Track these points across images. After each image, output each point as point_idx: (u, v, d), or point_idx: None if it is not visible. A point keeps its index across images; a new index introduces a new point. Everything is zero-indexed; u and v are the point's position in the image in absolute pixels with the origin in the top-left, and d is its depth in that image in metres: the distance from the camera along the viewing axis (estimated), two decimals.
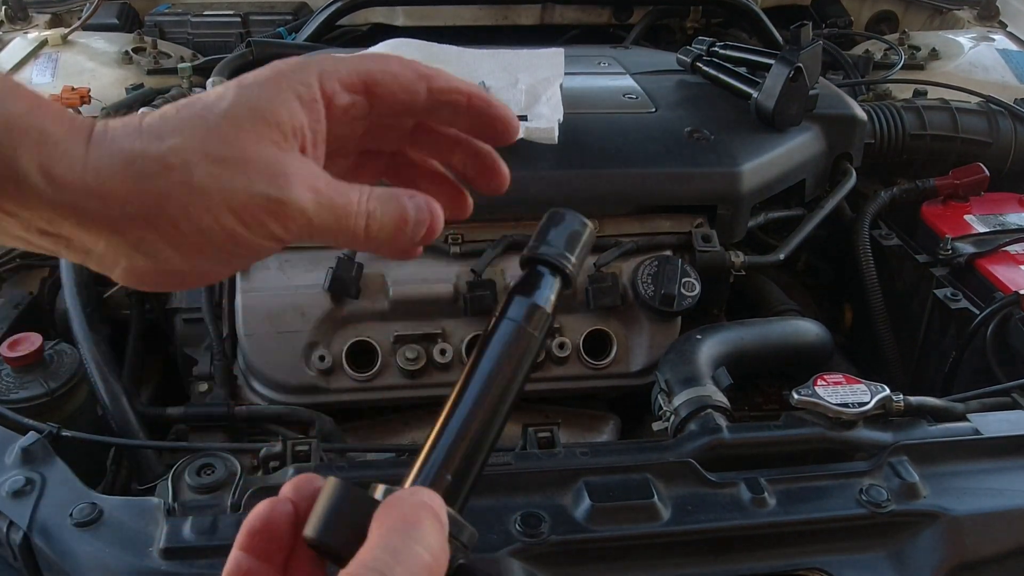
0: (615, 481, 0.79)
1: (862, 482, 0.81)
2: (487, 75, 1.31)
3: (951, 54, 1.80)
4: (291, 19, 1.93)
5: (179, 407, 1.07)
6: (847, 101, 1.37)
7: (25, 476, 0.76)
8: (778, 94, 1.23)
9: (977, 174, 1.36)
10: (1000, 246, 1.23)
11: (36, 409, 0.95)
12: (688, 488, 0.80)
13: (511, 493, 0.79)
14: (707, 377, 0.95)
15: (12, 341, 0.99)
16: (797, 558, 0.78)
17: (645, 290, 1.10)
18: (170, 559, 0.70)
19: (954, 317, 1.19)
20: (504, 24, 1.98)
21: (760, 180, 1.20)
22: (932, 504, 0.80)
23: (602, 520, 0.76)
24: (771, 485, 0.80)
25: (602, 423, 1.17)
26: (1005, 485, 0.83)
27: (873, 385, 0.89)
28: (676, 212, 1.19)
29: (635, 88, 1.37)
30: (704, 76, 1.44)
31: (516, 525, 0.75)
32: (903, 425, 0.89)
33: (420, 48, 1.36)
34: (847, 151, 1.35)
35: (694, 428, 0.88)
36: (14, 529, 0.73)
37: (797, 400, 0.88)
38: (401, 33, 1.64)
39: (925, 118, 1.47)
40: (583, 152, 1.18)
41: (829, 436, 0.87)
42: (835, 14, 2.09)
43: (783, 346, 1.09)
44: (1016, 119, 1.48)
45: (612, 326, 1.13)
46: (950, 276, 1.24)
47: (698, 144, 1.21)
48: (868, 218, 1.34)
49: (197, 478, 0.75)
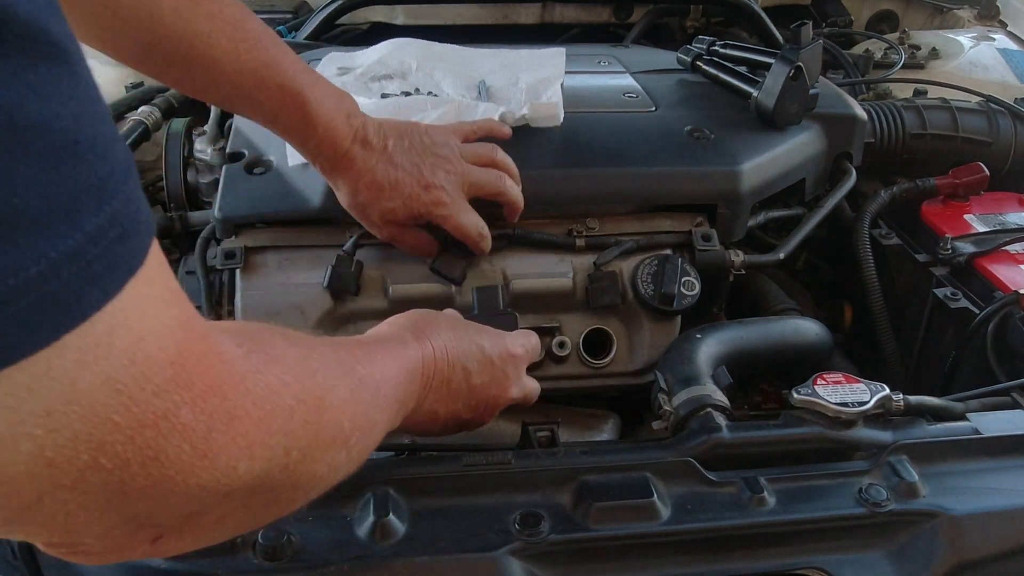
0: (615, 480, 0.79)
1: (861, 481, 0.81)
2: (488, 74, 1.31)
3: (951, 53, 1.80)
4: (291, 17, 1.93)
5: None
6: (847, 100, 1.37)
7: None
8: (778, 93, 1.23)
9: (977, 173, 1.36)
10: (1000, 245, 1.23)
11: None
12: (688, 487, 0.80)
13: (510, 492, 0.79)
14: (707, 376, 0.95)
15: None
16: (796, 557, 0.78)
17: (645, 289, 1.10)
18: (169, 558, 0.70)
19: (954, 317, 1.19)
20: (504, 23, 1.98)
21: (760, 179, 1.20)
22: (932, 503, 0.80)
23: (602, 519, 0.76)
24: (771, 484, 0.80)
25: (602, 422, 1.17)
26: (1005, 485, 0.83)
27: (873, 384, 0.89)
28: (676, 211, 1.19)
29: (635, 87, 1.37)
30: (704, 75, 1.44)
31: (515, 524, 0.75)
32: (903, 424, 0.89)
33: (421, 48, 1.36)
34: (847, 150, 1.35)
35: (694, 427, 0.88)
36: None
37: (797, 399, 0.88)
38: (401, 32, 1.63)
39: (925, 117, 1.47)
40: (583, 151, 1.18)
41: (829, 435, 0.87)
42: (835, 13, 2.09)
43: (783, 345, 1.09)
44: (1016, 119, 1.48)
45: (612, 325, 1.13)
46: (950, 275, 1.24)
47: (698, 143, 1.21)
48: (868, 217, 1.34)
49: None
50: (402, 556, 0.72)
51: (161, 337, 0.42)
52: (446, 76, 1.29)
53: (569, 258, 1.13)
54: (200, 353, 0.45)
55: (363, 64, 1.32)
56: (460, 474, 0.79)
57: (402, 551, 0.72)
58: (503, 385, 0.88)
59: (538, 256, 1.13)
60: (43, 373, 0.38)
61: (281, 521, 0.73)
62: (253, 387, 0.49)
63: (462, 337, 0.85)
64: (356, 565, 0.71)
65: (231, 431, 0.46)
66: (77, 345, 0.38)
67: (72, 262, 0.37)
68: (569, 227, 1.15)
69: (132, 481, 0.42)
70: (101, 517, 0.43)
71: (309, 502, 0.59)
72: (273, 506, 0.55)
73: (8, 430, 0.38)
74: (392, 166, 0.98)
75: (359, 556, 0.71)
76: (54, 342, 0.37)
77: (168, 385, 0.42)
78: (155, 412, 0.42)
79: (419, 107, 1.17)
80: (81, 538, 0.45)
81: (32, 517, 0.42)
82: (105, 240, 0.38)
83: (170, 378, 0.43)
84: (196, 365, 0.44)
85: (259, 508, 0.54)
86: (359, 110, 1.00)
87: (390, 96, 1.23)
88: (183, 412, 0.43)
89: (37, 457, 0.39)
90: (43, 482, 0.40)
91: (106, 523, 0.44)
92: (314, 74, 0.96)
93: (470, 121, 1.11)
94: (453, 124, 1.08)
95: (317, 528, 0.73)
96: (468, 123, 1.10)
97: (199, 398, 0.44)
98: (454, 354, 0.82)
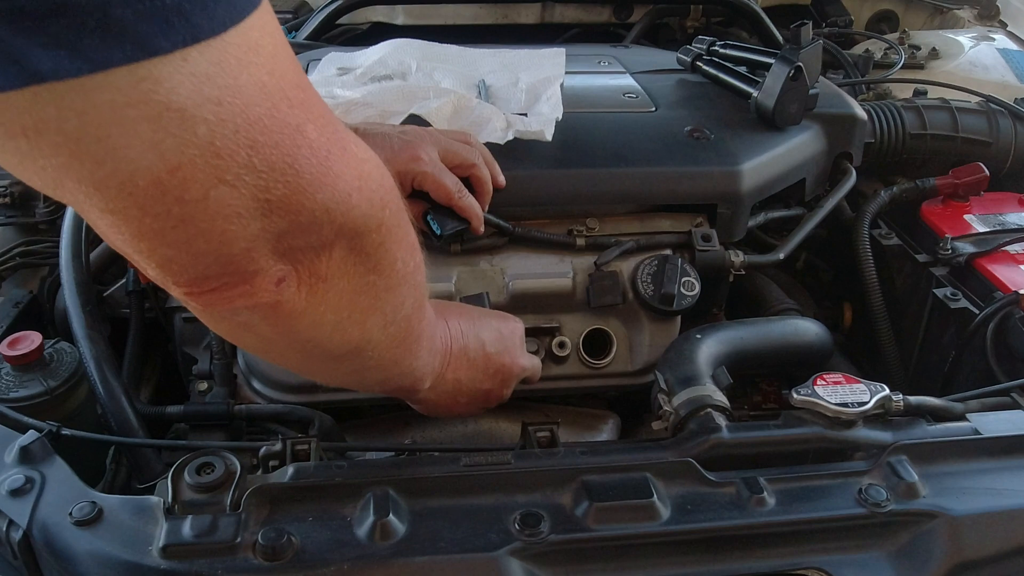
0: (614, 480, 0.79)
1: (861, 481, 0.81)
2: (488, 74, 1.31)
3: (951, 53, 1.80)
4: (291, 17, 1.94)
5: (178, 406, 1.07)
6: (847, 100, 1.37)
7: (25, 475, 0.76)
8: (778, 93, 1.23)
9: (977, 173, 1.36)
10: (1000, 246, 1.23)
11: (36, 408, 0.95)
12: (687, 487, 0.80)
13: (510, 492, 0.79)
14: (707, 376, 0.95)
15: (12, 339, 0.99)
16: (796, 557, 0.78)
17: (645, 289, 1.11)
18: (169, 558, 0.70)
19: (954, 317, 1.19)
20: (504, 23, 1.98)
21: (760, 179, 1.20)
22: (931, 504, 0.80)
23: (601, 519, 0.76)
24: (770, 484, 0.80)
25: (602, 422, 1.17)
26: (1004, 485, 0.83)
27: (872, 385, 0.89)
28: (676, 211, 1.19)
29: (635, 87, 1.37)
30: (704, 75, 1.44)
31: (515, 524, 0.75)
32: (902, 425, 0.89)
33: (421, 48, 1.36)
34: (847, 150, 1.35)
35: (693, 427, 0.88)
36: (14, 528, 0.73)
37: (796, 399, 0.88)
38: (401, 32, 1.64)
39: (925, 117, 1.47)
40: (583, 151, 1.18)
41: (828, 436, 0.87)
42: (835, 13, 2.09)
43: (783, 345, 1.09)
44: (1016, 119, 1.48)
45: (612, 325, 1.13)
46: (950, 276, 1.24)
47: (698, 143, 1.21)
48: (868, 217, 1.34)
49: (197, 477, 0.75)
50: (402, 556, 0.72)
51: (290, 61, 0.50)
52: (446, 76, 1.29)
53: (569, 258, 1.13)
54: (315, 90, 0.54)
55: (363, 64, 1.32)
56: (460, 474, 0.79)
57: (402, 551, 0.72)
58: (514, 353, 0.94)
59: (538, 256, 1.13)
60: (217, 60, 0.44)
61: (281, 521, 0.73)
62: (359, 143, 0.58)
63: (470, 314, 0.93)
64: (356, 565, 0.70)
65: (345, 158, 0.54)
66: (237, 43, 0.45)
67: None
68: (569, 227, 1.15)
69: (275, 187, 0.50)
70: (247, 227, 0.50)
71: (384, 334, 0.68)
72: (367, 291, 0.63)
73: (192, 108, 0.44)
74: (366, 137, 1.00)
75: (359, 556, 0.71)
76: (226, 31, 0.44)
77: (297, 102, 0.50)
78: (291, 123, 0.49)
79: (421, 94, 1.17)
80: (224, 256, 0.51)
81: (197, 217, 0.48)
82: None
83: (299, 98, 0.50)
84: (316, 97, 0.53)
85: (362, 270, 0.61)
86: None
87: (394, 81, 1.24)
88: (309, 129, 0.51)
89: (208, 144, 0.46)
90: (210, 173, 0.47)
91: (248, 236, 0.51)
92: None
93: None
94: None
95: (317, 528, 0.73)
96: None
97: (320, 119, 0.52)
98: (467, 327, 0.89)
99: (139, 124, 0.44)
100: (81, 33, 0.40)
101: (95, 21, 0.40)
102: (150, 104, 0.43)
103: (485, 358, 0.90)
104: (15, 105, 0.42)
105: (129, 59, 0.42)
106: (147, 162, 0.45)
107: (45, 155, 0.45)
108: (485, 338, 0.91)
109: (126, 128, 0.44)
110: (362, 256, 0.60)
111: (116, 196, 0.47)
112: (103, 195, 0.47)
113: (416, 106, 1.14)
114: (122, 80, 0.42)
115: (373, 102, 1.17)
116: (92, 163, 0.45)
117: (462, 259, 1.12)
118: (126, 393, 1.01)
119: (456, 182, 1.02)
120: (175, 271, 0.53)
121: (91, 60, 0.41)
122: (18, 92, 0.41)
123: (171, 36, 0.42)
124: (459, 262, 1.12)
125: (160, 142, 0.45)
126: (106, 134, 0.44)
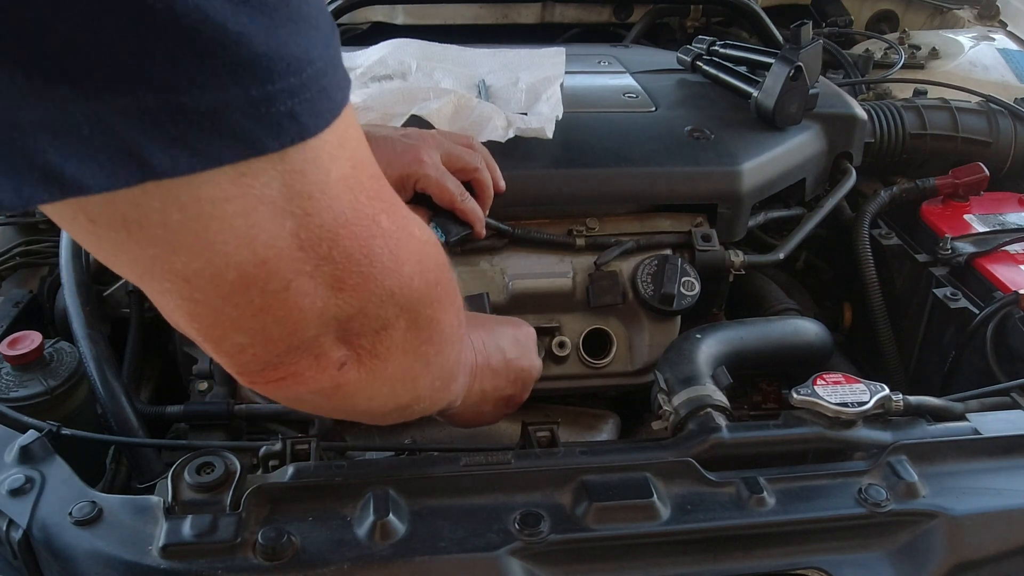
0: (614, 480, 0.79)
1: (861, 481, 0.81)
2: (488, 74, 1.31)
3: (951, 53, 1.80)
4: None
5: (178, 406, 1.07)
6: (847, 100, 1.37)
7: (25, 474, 0.76)
8: (778, 93, 1.23)
9: (977, 173, 1.36)
10: (1000, 246, 1.23)
11: (36, 407, 0.95)
12: (687, 487, 0.80)
13: (510, 492, 0.79)
14: (707, 376, 0.95)
15: (12, 339, 0.99)
16: (796, 557, 0.78)
17: (645, 289, 1.11)
18: (169, 558, 0.70)
19: (953, 317, 1.19)
20: (504, 23, 1.98)
21: (760, 179, 1.20)
22: (931, 504, 0.80)
23: (601, 519, 0.76)
24: (770, 484, 0.80)
25: (601, 422, 1.17)
26: (1004, 485, 0.83)
27: (872, 384, 0.89)
28: (676, 211, 1.19)
29: (635, 87, 1.37)
30: (704, 75, 1.44)
31: (515, 524, 0.75)
32: (902, 424, 0.89)
33: (421, 48, 1.36)
34: (847, 150, 1.35)
35: (693, 427, 0.88)
36: (14, 527, 0.73)
37: (796, 399, 0.88)
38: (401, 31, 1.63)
39: (925, 117, 1.47)
40: (583, 151, 1.18)
41: (828, 435, 0.87)
42: (835, 13, 2.09)
43: (783, 345, 1.09)
44: (1016, 119, 1.48)
45: (612, 325, 1.13)
46: (950, 275, 1.24)
47: (698, 143, 1.21)
48: (868, 217, 1.34)
49: (197, 477, 0.75)
50: (402, 556, 0.72)
51: (367, 150, 0.52)
52: (446, 76, 1.29)
53: (569, 258, 1.13)
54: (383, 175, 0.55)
55: (363, 64, 1.32)
56: (460, 474, 0.79)
57: (402, 551, 0.72)
58: (531, 356, 0.95)
59: (538, 256, 1.13)
60: (312, 157, 0.45)
61: (281, 521, 0.73)
62: (420, 224, 0.59)
63: (486, 324, 0.93)
64: (356, 565, 0.70)
65: (411, 244, 0.56)
66: (329, 139, 0.46)
67: (332, 65, 0.45)
68: (569, 227, 1.15)
69: (349, 276, 0.51)
70: (320, 315, 0.51)
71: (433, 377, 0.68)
72: (420, 359, 0.64)
73: (284, 203, 0.46)
74: (368, 140, 1.00)
75: (359, 556, 0.71)
76: (322, 131, 0.45)
77: (374, 193, 0.52)
78: (368, 214, 0.51)
79: (421, 95, 1.17)
80: (295, 342, 0.53)
81: (275, 307, 0.49)
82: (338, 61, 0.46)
83: (375, 188, 0.52)
84: (386, 183, 0.54)
85: (416, 342, 0.61)
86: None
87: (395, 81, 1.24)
88: (383, 219, 0.52)
89: (294, 237, 0.47)
90: (293, 266, 0.48)
91: (320, 322, 0.52)
92: None
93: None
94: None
95: (317, 528, 0.73)
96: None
97: (392, 208, 0.54)
98: (488, 339, 0.90)
99: (235, 218, 0.45)
100: (199, 134, 0.41)
101: (211, 124, 0.40)
102: (247, 199, 0.44)
103: (506, 365, 0.91)
104: (123, 199, 0.42)
105: (238, 157, 0.43)
106: (240, 256, 0.46)
107: (142, 246, 0.45)
108: (504, 346, 0.91)
109: (224, 223, 0.44)
110: (416, 331, 0.61)
111: (205, 287, 0.47)
112: (192, 286, 0.47)
113: (417, 107, 1.14)
114: (225, 176, 0.43)
115: (374, 105, 1.17)
116: (188, 255, 0.45)
117: (462, 259, 1.12)
118: (126, 393, 1.01)
119: (459, 186, 1.01)
120: (245, 359, 0.54)
121: (205, 158, 0.42)
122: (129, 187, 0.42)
123: (280, 137, 0.43)
124: (459, 262, 1.12)
125: (254, 237, 0.46)
126: (204, 227, 0.44)
